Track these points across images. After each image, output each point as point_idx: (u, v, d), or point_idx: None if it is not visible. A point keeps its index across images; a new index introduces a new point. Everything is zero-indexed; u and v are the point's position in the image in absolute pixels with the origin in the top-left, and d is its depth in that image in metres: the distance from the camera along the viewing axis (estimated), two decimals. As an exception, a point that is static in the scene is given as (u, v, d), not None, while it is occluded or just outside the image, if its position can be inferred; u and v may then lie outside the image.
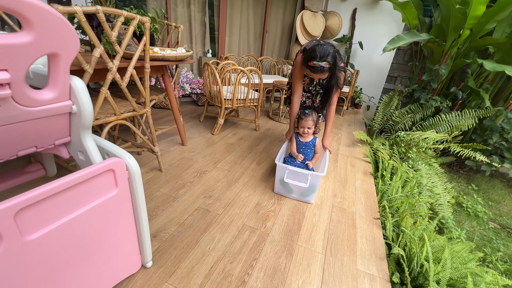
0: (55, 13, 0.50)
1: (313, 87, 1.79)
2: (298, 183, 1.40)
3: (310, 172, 1.36)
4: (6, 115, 0.54)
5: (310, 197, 1.47)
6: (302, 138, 1.60)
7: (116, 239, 0.80)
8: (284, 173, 1.43)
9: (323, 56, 1.35)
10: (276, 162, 1.44)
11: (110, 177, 0.72)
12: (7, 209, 0.50)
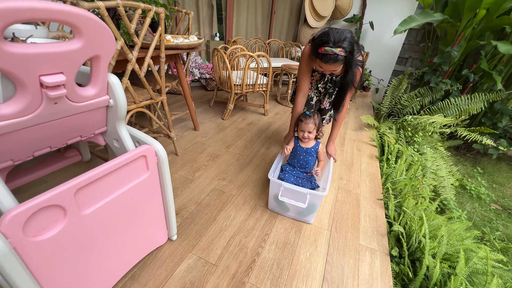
0: (98, 20, 0.57)
1: (323, 84, 1.51)
2: (295, 202, 1.18)
3: (309, 191, 1.15)
4: (61, 110, 0.63)
5: (309, 217, 1.27)
6: (303, 143, 1.39)
7: (148, 215, 0.93)
8: (278, 189, 1.21)
9: (338, 41, 1.05)
10: (270, 178, 1.22)
11: (142, 162, 0.83)
12: (70, 188, 0.61)
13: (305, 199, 1.16)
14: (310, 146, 1.39)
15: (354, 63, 1.16)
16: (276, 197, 1.23)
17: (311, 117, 1.33)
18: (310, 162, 1.40)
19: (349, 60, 1.11)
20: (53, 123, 0.65)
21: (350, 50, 1.08)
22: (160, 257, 1.04)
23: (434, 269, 1.05)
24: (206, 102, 2.85)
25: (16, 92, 0.54)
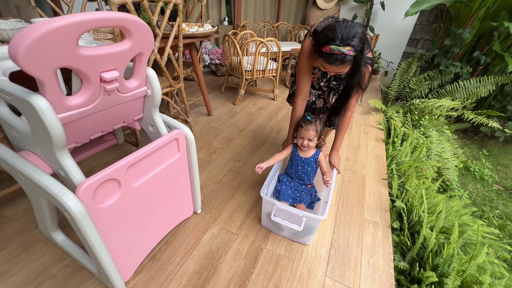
0: (143, 23, 0.67)
1: (326, 82, 1.28)
2: (290, 224, 1.05)
3: (305, 214, 1.02)
4: (112, 100, 0.75)
5: (305, 239, 1.15)
6: (301, 152, 1.24)
7: (178, 191, 1.07)
8: (271, 208, 1.09)
9: (346, 38, 0.87)
10: (262, 195, 1.09)
11: (175, 144, 0.95)
12: (123, 165, 0.74)
13: (301, 222, 1.03)
14: (309, 155, 1.23)
15: (363, 61, 0.98)
16: (269, 216, 1.10)
17: (312, 122, 1.17)
18: (310, 173, 1.26)
19: (358, 58, 0.92)
20: (106, 112, 0.77)
21: (361, 48, 0.89)
22: (188, 227, 1.20)
23: (431, 239, 1.18)
24: (217, 88, 2.93)
25: (82, 86, 0.66)
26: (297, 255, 1.12)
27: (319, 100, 1.38)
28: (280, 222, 1.07)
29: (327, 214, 1.09)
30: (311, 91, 1.34)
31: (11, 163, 0.71)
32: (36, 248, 1.05)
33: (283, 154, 1.26)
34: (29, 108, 0.58)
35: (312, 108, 1.40)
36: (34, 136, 0.67)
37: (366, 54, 1.00)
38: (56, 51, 0.53)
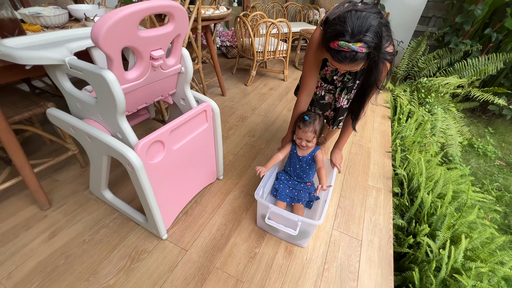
0: (183, 9, 0.80)
1: (340, 76, 1.17)
2: (284, 228, 1.03)
3: (300, 218, 0.98)
4: (155, 76, 0.90)
5: (302, 242, 1.12)
6: (300, 150, 1.21)
7: (205, 158, 1.24)
8: (266, 211, 1.05)
9: (358, 33, 0.75)
10: (256, 198, 1.05)
11: (203, 116, 1.11)
12: (167, 130, 0.91)
13: (296, 226, 1.00)
14: (307, 153, 1.20)
15: (381, 58, 0.83)
16: (264, 217, 1.07)
17: (311, 123, 1.10)
18: (308, 171, 1.24)
19: (374, 55, 0.79)
20: (150, 86, 0.92)
21: (376, 44, 0.76)
22: (213, 190, 1.39)
23: (427, 201, 1.33)
24: (228, 70, 3.03)
25: (135, 63, 0.81)
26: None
27: (329, 95, 1.26)
28: (275, 225, 1.03)
29: (324, 219, 1.04)
30: (322, 84, 1.24)
31: (80, 127, 0.88)
32: (88, 205, 1.26)
33: (282, 154, 1.22)
34: (100, 80, 0.73)
35: (320, 103, 1.29)
36: (99, 105, 0.84)
37: (386, 48, 0.85)
38: (124, 34, 0.67)
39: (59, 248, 1.06)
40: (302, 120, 1.13)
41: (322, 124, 1.16)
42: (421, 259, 1.13)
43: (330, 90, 1.25)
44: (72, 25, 1.31)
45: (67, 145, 1.34)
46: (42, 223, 1.16)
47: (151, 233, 1.14)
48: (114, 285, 0.95)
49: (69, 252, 1.05)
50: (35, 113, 1.15)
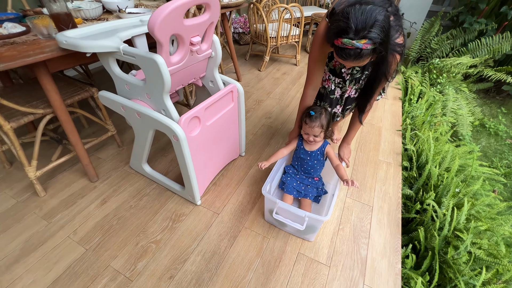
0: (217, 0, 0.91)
1: (348, 69, 1.15)
2: (292, 222, 1.05)
3: (307, 214, 0.99)
4: (191, 60, 1.03)
5: (309, 236, 1.14)
6: (307, 145, 1.19)
7: (231, 135, 1.38)
8: (273, 206, 1.07)
9: (362, 29, 0.72)
10: (263, 193, 1.06)
11: (230, 96, 1.24)
12: (203, 107, 1.05)
13: (303, 221, 1.02)
14: (315, 148, 1.17)
15: (390, 51, 0.82)
16: (271, 212, 1.10)
17: (317, 118, 1.08)
18: (316, 166, 1.22)
19: (380, 50, 0.77)
20: (187, 69, 1.06)
21: (382, 39, 0.74)
22: (236, 165, 1.54)
23: (434, 173, 1.44)
24: (241, 56, 3.12)
25: (178, 48, 0.94)
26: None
27: (338, 89, 1.24)
28: (282, 220, 1.05)
29: (331, 215, 1.03)
30: (331, 77, 1.21)
31: (130, 106, 1.04)
32: (129, 178, 1.44)
33: (287, 149, 1.22)
34: (151, 64, 0.87)
35: (330, 98, 1.26)
36: (147, 86, 0.98)
37: (395, 39, 0.84)
38: (173, 23, 0.80)
39: (111, 212, 1.25)
40: (308, 115, 1.10)
41: (329, 117, 1.12)
42: (426, 222, 1.26)
43: (339, 84, 1.21)
44: (107, 17, 1.45)
45: (107, 126, 1.51)
46: (93, 192, 1.35)
47: (187, 200, 1.31)
48: (161, 240, 1.14)
49: (120, 215, 1.24)
50: (83, 97, 1.32)
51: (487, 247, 1.16)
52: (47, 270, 1.02)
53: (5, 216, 1.22)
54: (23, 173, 1.43)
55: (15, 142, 1.14)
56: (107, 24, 1.11)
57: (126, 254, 1.08)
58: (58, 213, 1.24)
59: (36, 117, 1.17)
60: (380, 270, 1.06)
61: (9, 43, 1.04)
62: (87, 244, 1.11)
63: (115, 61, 1.04)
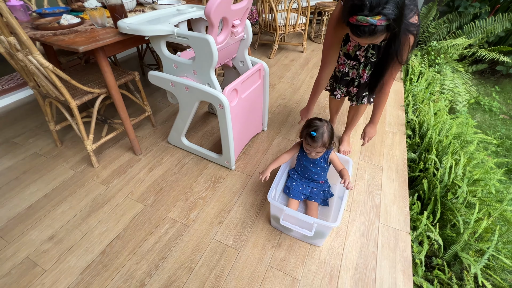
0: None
1: (363, 51, 1.16)
2: (300, 229, 1.02)
3: (315, 221, 0.97)
4: (229, 41, 1.22)
5: (317, 241, 1.12)
6: (309, 154, 1.14)
7: (257, 109, 1.58)
8: (280, 213, 1.04)
9: (377, 5, 0.74)
10: (269, 200, 1.04)
11: (257, 74, 1.43)
12: (240, 81, 1.24)
13: (311, 227, 1.00)
14: (318, 156, 1.13)
15: (403, 30, 0.83)
16: (278, 219, 1.08)
17: (319, 139, 1.04)
18: (320, 172, 1.19)
19: (394, 27, 0.78)
20: (226, 48, 1.25)
21: (396, 15, 0.75)
22: (261, 138, 1.74)
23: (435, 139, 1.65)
24: (251, 45, 3.29)
25: (222, 29, 1.13)
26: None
27: (352, 71, 1.28)
28: (290, 226, 1.03)
29: (340, 221, 0.99)
30: (346, 61, 1.25)
31: (180, 81, 1.23)
32: (168, 151, 1.64)
33: (288, 155, 1.21)
34: (203, 43, 1.06)
35: (345, 79, 1.32)
36: (196, 63, 1.17)
37: (409, 19, 0.85)
38: (224, 7, 0.99)
39: (159, 177, 1.45)
40: (309, 135, 1.05)
41: (331, 132, 1.09)
42: (429, 177, 1.48)
43: (354, 66, 1.25)
44: (142, 8, 1.62)
45: (144, 107, 1.70)
46: (140, 163, 1.55)
47: (222, 166, 1.51)
48: (206, 196, 1.34)
49: (167, 179, 1.44)
50: (128, 80, 1.51)
51: (480, 195, 1.38)
52: (116, 221, 1.23)
53: (69, 183, 1.42)
54: (75, 150, 1.63)
55: (78, 118, 1.34)
56: (153, 13, 1.29)
57: (179, 208, 1.29)
58: (113, 180, 1.44)
59: (94, 96, 1.36)
60: (392, 213, 1.27)
61: (74, 31, 1.23)
62: (144, 201, 1.32)
63: (165, 44, 1.23)
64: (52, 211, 1.27)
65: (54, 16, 1.41)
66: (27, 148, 1.65)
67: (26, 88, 2.21)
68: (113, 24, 1.26)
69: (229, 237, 1.16)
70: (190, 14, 1.26)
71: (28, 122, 1.88)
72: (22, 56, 1.10)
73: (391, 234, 1.18)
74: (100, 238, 1.15)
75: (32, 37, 1.16)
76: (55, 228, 1.19)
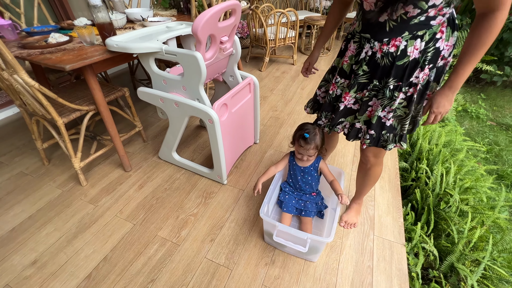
0: (240, 5, 1.12)
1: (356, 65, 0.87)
2: (293, 245, 0.99)
3: (309, 236, 0.96)
4: (218, 57, 1.23)
5: (311, 257, 1.10)
6: (300, 161, 1.16)
7: (248, 123, 1.58)
8: (273, 229, 1.02)
9: None
10: (262, 216, 1.01)
11: (248, 88, 1.44)
12: (230, 96, 1.24)
13: (305, 243, 0.98)
14: (307, 164, 1.15)
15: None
16: (271, 235, 1.05)
17: (312, 140, 1.04)
18: (311, 182, 1.18)
19: None
20: (214, 64, 1.25)
21: None
22: (253, 151, 1.73)
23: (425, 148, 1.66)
24: (242, 59, 3.34)
25: (210, 46, 1.14)
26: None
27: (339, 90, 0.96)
28: (284, 243, 1.00)
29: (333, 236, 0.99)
30: (337, 79, 0.95)
31: (169, 97, 1.22)
32: (159, 166, 1.61)
33: (277, 167, 1.19)
34: (192, 59, 1.06)
35: (333, 105, 1.00)
36: (185, 79, 1.17)
37: None
38: (211, 25, 1.00)
39: (149, 194, 1.42)
40: (302, 137, 1.04)
41: (322, 135, 1.08)
42: (421, 186, 1.48)
43: (341, 84, 0.95)
44: (132, 26, 1.64)
45: (135, 122, 1.68)
46: (129, 179, 1.51)
47: (214, 181, 1.49)
48: (198, 213, 1.31)
49: (158, 196, 1.41)
50: (117, 96, 1.50)
51: (473, 203, 1.38)
52: (104, 242, 1.18)
53: (55, 203, 1.37)
54: (63, 168, 1.59)
55: (65, 136, 1.31)
56: (142, 30, 1.30)
57: (170, 226, 1.25)
58: (102, 198, 1.40)
59: (82, 113, 1.34)
60: (386, 224, 1.26)
61: (62, 49, 1.22)
62: (133, 220, 1.28)
63: (154, 61, 1.23)
64: (36, 234, 1.21)
65: (43, 35, 1.41)
66: (12, 167, 1.60)
67: (13, 106, 2.18)
68: (102, 42, 1.26)
69: (221, 255, 1.13)
70: (179, 31, 1.28)
71: (15, 140, 1.84)
72: (7, 75, 1.09)
73: (386, 246, 1.17)
74: (86, 261, 1.10)
75: (19, 56, 1.15)
76: (39, 252, 1.14)
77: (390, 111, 0.84)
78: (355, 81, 0.87)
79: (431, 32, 0.70)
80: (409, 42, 0.73)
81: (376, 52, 0.79)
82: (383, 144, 0.92)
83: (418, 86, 0.78)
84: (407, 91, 0.80)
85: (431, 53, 0.73)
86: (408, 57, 0.75)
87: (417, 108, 0.84)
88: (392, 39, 0.74)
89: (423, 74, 0.77)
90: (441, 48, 0.72)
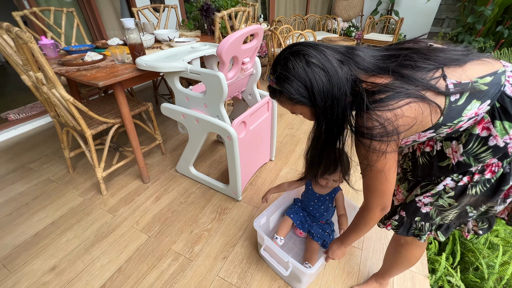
0: (262, 29, 1.18)
1: (400, 160, 0.79)
2: (276, 264, 0.95)
3: (291, 261, 0.90)
4: (239, 76, 1.28)
5: (296, 285, 1.02)
6: (318, 187, 1.08)
7: (265, 139, 1.59)
8: (262, 242, 0.99)
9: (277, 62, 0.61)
10: (255, 227, 1.01)
11: (266, 106, 1.47)
12: (248, 114, 1.28)
13: (287, 267, 0.92)
14: (324, 192, 1.07)
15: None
16: (261, 247, 1.01)
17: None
18: (322, 211, 1.11)
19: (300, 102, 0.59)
20: (236, 83, 1.30)
21: (288, 79, 0.57)
22: (268, 168, 1.73)
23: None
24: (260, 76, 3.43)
25: (233, 66, 1.19)
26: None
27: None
28: (268, 259, 0.97)
29: (317, 269, 0.90)
30: None
31: (191, 114, 1.27)
32: (176, 179, 1.64)
33: (292, 186, 1.14)
34: (214, 79, 1.12)
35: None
36: (207, 97, 1.22)
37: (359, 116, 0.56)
38: (234, 48, 1.05)
39: (165, 207, 1.44)
40: None
41: (347, 159, 0.91)
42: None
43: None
44: (159, 45, 1.75)
45: (155, 135, 1.75)
46: (147, 191, 1.55)
47: (228, 196, 1.50)
48: (211, 229, 1.31)
49: (173, 209, 1.43)
50: (141, 110, 1.58)
51: (503, 235, 1.28)
52: (119, 252, 1.20)
53: (77, 210, 1.42)
54: (86, 176, 1.66)
55: (91, 146, 1.38)
56: (169, 50, 1.39)
57: (184, 240, 1.26)
58: (120, 208, 1.44)
59: (108, 126, 1.42)
60: (407, 252, 1.19)
61: (96, 67, 1.32)
62: (149, 232, 1.30)
63: (178, 79, 1.30)
64: (57, 240, 1.26)
65: (80, 53, 1.54)
66: (40, 173, 1.70)
67: (46, 116, 2.34)
68: (132, 61, 1.35)
69: (234, 274, 1.11)
70: (203, 52, 1.35)
71: (45, 148, 1.96)
72: (46, 89, 1.18)
73: (408, 277, 1.10)
74: (102, 271, 1.12)
75: (58, 72, 1.26)
76: (58, 258, 1.17)
77: (429, 196, 0.66)
78: (404, 176, 0.77)
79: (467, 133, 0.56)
80: (444, 143, 0.61)
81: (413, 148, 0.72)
82: (414, 232, 0.74)
83: (475, 176, 0.59)
84: (460, 179, 0.61)
85: (485, 153, 0.55)
86: (449, 159, 0.60)
87: (487, 204, 0.62)
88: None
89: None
90: (501, 145, 0.53)
